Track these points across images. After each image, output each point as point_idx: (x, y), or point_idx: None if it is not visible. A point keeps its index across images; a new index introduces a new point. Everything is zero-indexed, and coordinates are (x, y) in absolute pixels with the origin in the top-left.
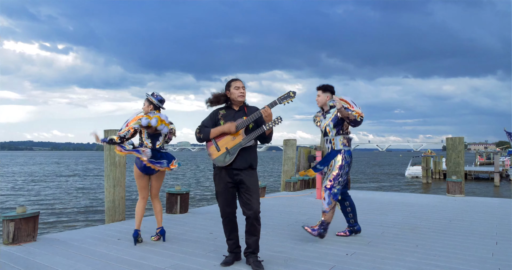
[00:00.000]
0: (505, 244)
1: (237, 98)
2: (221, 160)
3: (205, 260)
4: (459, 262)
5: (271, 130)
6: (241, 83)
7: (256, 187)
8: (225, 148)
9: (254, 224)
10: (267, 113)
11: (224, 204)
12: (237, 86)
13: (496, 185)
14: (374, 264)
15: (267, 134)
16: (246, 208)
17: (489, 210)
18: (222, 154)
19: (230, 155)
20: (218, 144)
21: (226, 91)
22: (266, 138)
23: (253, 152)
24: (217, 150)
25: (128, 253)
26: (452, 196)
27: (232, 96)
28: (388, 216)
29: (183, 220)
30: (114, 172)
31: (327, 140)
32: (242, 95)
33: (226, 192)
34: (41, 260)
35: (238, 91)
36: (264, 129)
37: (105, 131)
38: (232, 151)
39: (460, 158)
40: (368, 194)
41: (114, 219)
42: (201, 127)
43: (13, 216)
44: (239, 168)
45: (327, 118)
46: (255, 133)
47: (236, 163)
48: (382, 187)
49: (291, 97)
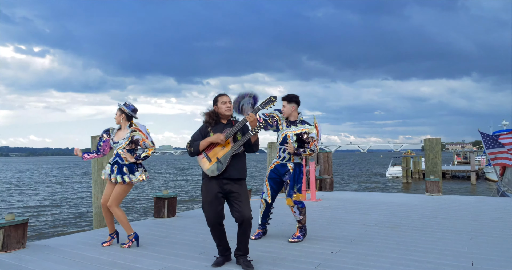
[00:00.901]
0: (478, 239)
1: (224, 112)
2: (213, 170)
3: (196, 262)
4: (436, 257)
5: (257, 136)
6: (228, 97)
7: (246, 195)
8: (216, 158)
9: (247, 230)
10: (252, 118)
11: (212, 214)
12: (223, 101)
13: (473, 184)
14: (357, 260)
15: (253, 141)
16: (238, 215)
17: (465, 207)
18: (213, 164)
19: (221, 164)
20: (208, 155)
21: (214, 106)
22: (253, 146)
23: (242, 162)
24: (208, 161)
25: (120, 257)
26: (430, 195)
27: (220, 110)
28: (370, 215)
29: (171, 224)
30: (101, 178)
31: (285, 150)
32: (229, 109)
33: (215, 202)
34: (33, 266)
35: (225, 105)
36: (250, 134)
37: (92, 137)
38: (223, 160)
39: (438, 158)
40: (351, 195)
41: (102, 225)
42: (191, 141)
43: (2, 223)
44: (230, 178)
45: (291, 129)
46: (242, 139)
47: (227, 173)
48: (364, 188)
49: (272, 101)
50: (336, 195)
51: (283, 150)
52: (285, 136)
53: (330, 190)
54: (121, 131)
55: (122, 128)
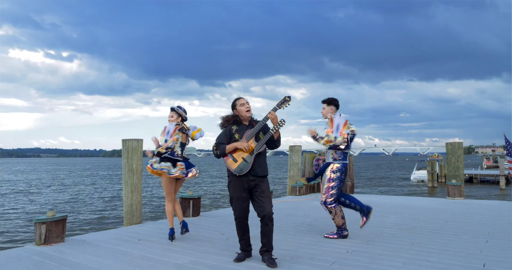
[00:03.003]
0: (494, 242)
1: (245, 114)
2: (241, 169)
3: (219, 257)
4: (449, 258)
5: (279, 133)
6: (244, 99)
7: (268, 191)
8: (241, 158)
9: (268, 224)
10: (273, 116)
11: (238, 208)
12: (241, 103)
13: (502, 188)
14: (371, 260)
15: (275, 137)
16: (261, 210)
17: (485, 211)
18: (240, 163)
19: (247, 163)
20: (234, 156)
21: (234, 110)
22: (275, 142)
23: (264, 160)
24: (234, 162)
25: (150, 252)
26: (452, 199)
27: (240, 113)
28: (388, 217)
29: (196, 223)
30: (132, 179)
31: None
32: (248, 109)
33: (241, 197)
34: (73, 258)
35: (244, 107)
36: (271, 132)
37: (123, 140)
38: (248, 159)
39: (460, 162)
40: (371, 198)
41: (132, 222)
42: (217, 144)
43: (44, 219)
44: (256, 175)
45: (327, 128)
46: (265, 138)
47: (253, 171)
48: (387, 192)
49: (287, 101)
50: (357, 198)
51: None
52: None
53: (350, 193)
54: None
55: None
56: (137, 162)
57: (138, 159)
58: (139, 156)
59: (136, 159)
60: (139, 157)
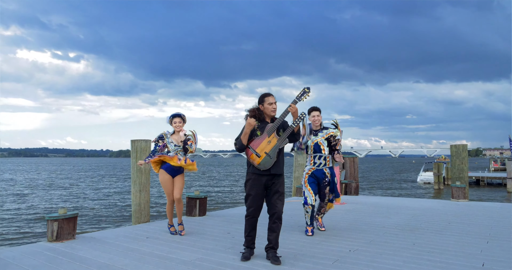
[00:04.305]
0: (495, 243)
1: (270, 113)
2: (265, 163)
3: (225, 255)
4: (448, 257)
5: (299, 126)
6: (274, 99)
7: (283, 190)
8: (264, 153)
9: (276, 222)
10: (294, 109)
11: (254, 206)
12: (270, 102)
13: (509, 191)
14: (372, 258)
15: (295, 131)
16: (272, 207)
17: (489, 213)
18: (263, 158)
19: (270, 157)
20: (256, 151)
21: (260, 104)
22: (295, 135)
23: (282, 159)
24: (257, 157)
25: (158, 249)
26: (456, 201)
27: (265, 110)
28: (391, 218)
29: (202, 222)
30: (140, 178)
31: (320, 157)
32: (274, 110)
33: (258, 195)
34: (84, 254)
35: (271, 106)
36: (293, 127)
37: (132, 141)
38: (272, 154)
39: (464, 164)
40: (375, 199)
41: (140, 221)
42: (236, 139)
43: (57, 216)
44: (275, 174)
45: (319, 136)
46: (287, 132)
47: (273, 169)
48: (392, 193)
49: (306, 92)
50: (361, 199)
51: (318, 157)
52: (316, 143)
53: (355, 194)
54: (176, 135)
55: (177, 133)
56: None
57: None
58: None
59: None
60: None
